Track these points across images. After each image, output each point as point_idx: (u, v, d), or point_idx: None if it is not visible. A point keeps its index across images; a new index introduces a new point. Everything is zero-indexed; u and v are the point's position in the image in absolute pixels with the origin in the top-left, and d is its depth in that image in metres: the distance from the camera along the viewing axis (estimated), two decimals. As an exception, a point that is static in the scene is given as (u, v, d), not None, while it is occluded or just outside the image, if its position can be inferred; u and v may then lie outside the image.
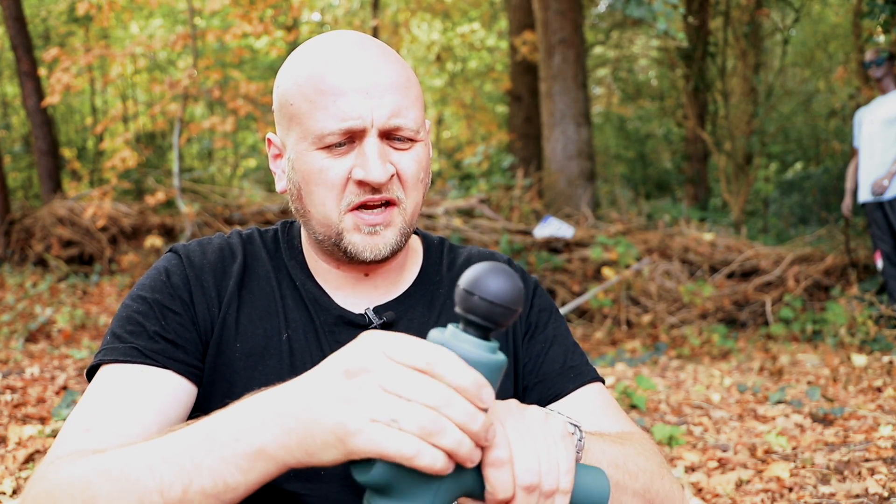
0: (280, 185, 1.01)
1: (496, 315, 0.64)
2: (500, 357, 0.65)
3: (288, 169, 0.98)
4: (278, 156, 1.02)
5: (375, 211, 0.94)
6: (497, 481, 0.65)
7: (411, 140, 0.95)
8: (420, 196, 0.98)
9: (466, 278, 0.65)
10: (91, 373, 0.95)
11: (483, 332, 0.65)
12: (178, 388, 0.93)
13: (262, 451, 0.66)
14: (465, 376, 0.61)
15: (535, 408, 0.72)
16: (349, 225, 0.94)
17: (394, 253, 0.97)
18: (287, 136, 0.97)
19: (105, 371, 0.92)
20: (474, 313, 0.64)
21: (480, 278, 0.64)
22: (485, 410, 0.62)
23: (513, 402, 0.73)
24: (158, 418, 0.89)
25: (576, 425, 0.83)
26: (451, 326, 0.66)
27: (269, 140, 1.03)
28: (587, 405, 1.04)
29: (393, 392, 0.60)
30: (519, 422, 0.68)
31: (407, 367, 0.61)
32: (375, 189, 0.92)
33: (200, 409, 0.95)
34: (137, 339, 0.93)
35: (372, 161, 0.90)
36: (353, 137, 0.92)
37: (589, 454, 0.84)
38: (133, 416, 0.87)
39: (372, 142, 0.91)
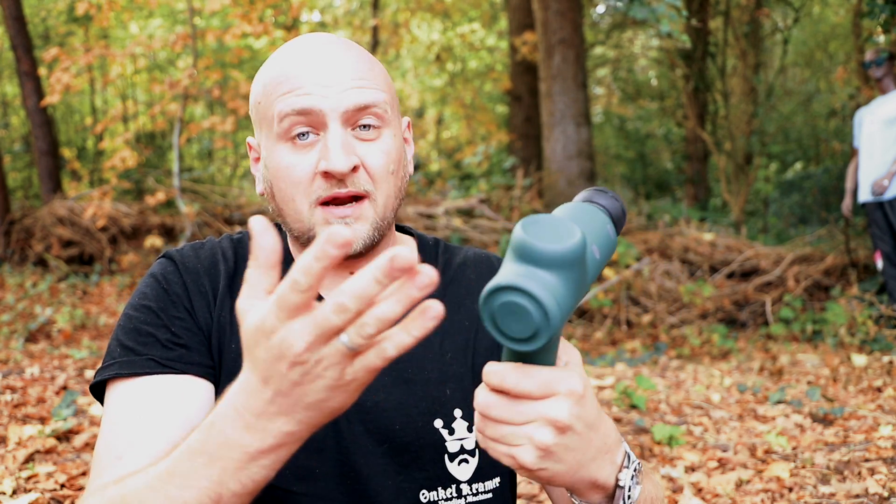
0: (258, 188, 1.02)
1: None
2: None
3: (262, 170, 0.99)
4: (257, 159, 1.03)
5: (346, 205, 0.94)
6: None
7: (378, 126, 0.94)
8: (392, 188, 0.97)
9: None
10: (99, 386, 0.94)
11: None
12: (199, 392, 0.93)
13: (278, 443, 0.66)
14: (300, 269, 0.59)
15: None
16: (319, 219, 0.94)
17: (367, 248, 0.96)
18: (260, 137, 0.98)
19: (124, 386, 0.91)
20: None
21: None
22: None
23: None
24: (185, 431, 0.89)
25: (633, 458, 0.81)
26: None
27: (249, 144, 1.04)
28: None
29: (307, 342, 0.60)
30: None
31: (273, 326, 0.61)
32: (341, 181, 0.92)
33: None
34: (152, 350, 0.92)
35: (334, 150, 0.89)
36: (315, 126, 0.91)
37: (644, 487, 0.82)
38: (162, 434, 0.86)
39: (334, 128, 0.90)
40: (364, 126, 0.93)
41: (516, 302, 0.60)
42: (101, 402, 0.95)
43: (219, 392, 0.96)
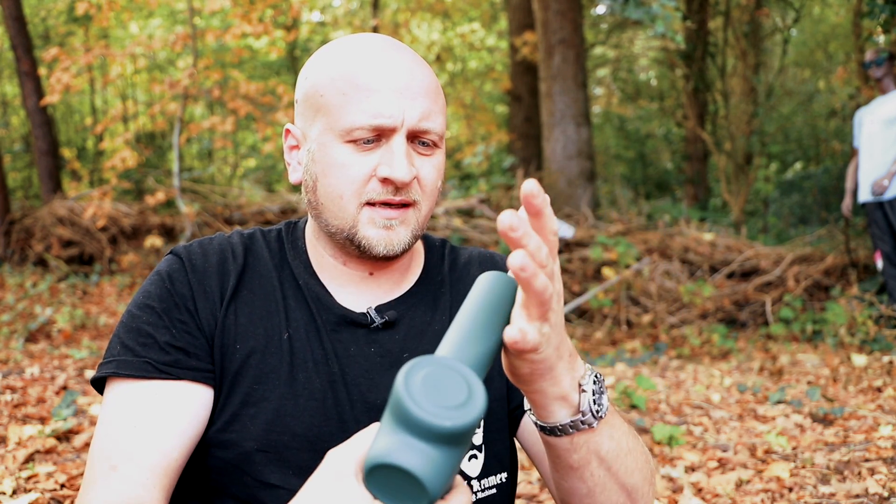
0: (294, 177, 1.01)
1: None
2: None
3: (306, 160, 0.98)
4: (295, 147, 1.02)
5: (393, 208, 0.95)
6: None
7: (434, 146, 0.97)
8: (434, 203, 1.00)
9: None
10: (100, 381, 0.95)
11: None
12: (194, 399, 0.93)
13: None
14: None
15: None
16: (365, 219, 0.95)
17: (404, 251, 0.97)
18: (310, 127, 0.97)
19: (119, 389, 0.93)
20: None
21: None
22: None
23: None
24: (178, 441, 0.91)
25: (597, 376, 0.82)
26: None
27: (287, 130, 1.03)
28: None
29: None
30: None
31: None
32: (397, 189, 0.94)
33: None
34: (150, 352, 0.93)
35: (399, 160, 0.92)
36: (380, 135, 0.93)
37: (609, 422, 0.83)
38: (154, 446, 0.89)
39: (400, 140, 0.93)
40: (423, 142, 0.96)
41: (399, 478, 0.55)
42: (101, 392, 0.96)
43: (218, 395, 0.96)
